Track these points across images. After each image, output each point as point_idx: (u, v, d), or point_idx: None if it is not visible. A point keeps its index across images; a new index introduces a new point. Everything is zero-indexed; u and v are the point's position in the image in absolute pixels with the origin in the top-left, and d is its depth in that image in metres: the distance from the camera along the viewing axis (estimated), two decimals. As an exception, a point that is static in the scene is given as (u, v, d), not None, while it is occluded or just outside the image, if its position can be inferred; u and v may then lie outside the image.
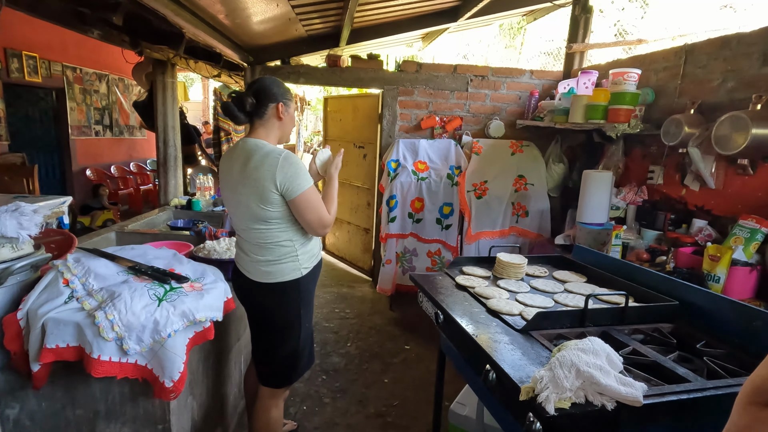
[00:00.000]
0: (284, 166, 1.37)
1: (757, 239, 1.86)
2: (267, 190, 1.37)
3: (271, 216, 1.42)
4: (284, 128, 1.52)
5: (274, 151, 1.40)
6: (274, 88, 1.47)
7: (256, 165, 1.38)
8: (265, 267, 1.48)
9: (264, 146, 1.42)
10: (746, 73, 2.01)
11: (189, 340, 1.28)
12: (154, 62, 3.53)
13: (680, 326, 1.25)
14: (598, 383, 0.81)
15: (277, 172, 1.36)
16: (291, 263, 1.49)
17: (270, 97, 1.46)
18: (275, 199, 1.39)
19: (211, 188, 3.75)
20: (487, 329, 1.20)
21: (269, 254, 1.47)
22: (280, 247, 1.47)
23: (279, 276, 1.48)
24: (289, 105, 1.50)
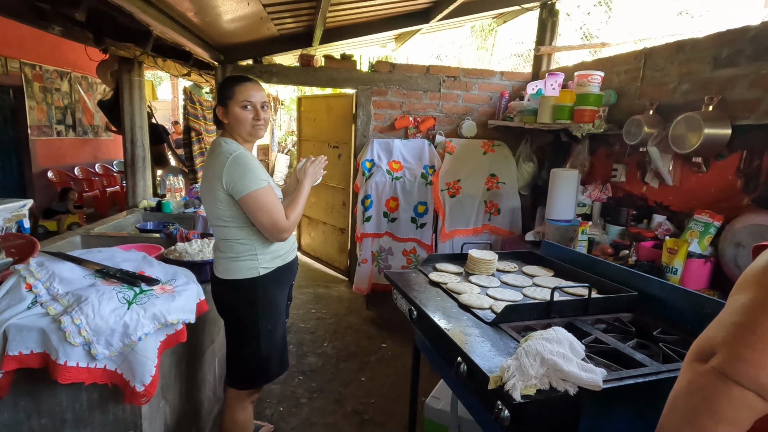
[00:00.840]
0: (231, 166, 1.38)
1: (710, 232, 1.97)
2: (215, 189, 1.41)
3: (225, 214, 1.44)
4: (236, 128, 1.49)
5: (226, 152, 1.42)
6: (217, 94, 1.52)
7: (209, 164, 1.45)
8: (225, 263, 1.50)
9: (221, 146, 1.45)
10: (699, 76, 2.13)
11: (161, 343, 1.26)
12: (120, 60, 3.42)
13: (639, 315, 1.32)
14: (561, 370, 0.86)
15: (223, 172, 1.38)
16: (249, 261, 1.48)
17: (216, 103, 1.51)
18: (223, 199, 1.41)
19: (181, 189, 3.67)
20: (458, 323, 1.24)
21: (229, 251, 1.49)
22: (238, 245, 1.48)
23: (235, 273, 1.48)
24: (226, 104, 1.47)
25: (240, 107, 1.46)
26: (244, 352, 1.56)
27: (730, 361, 0.59)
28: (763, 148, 1.87)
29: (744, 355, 0.59)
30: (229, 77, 1.54)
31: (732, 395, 0.59)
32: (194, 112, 5.05)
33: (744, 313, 0.61)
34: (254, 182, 1.39)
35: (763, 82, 1.85)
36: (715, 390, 0.60)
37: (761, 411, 0.60)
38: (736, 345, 0.60)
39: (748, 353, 0.58)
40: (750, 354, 0.58)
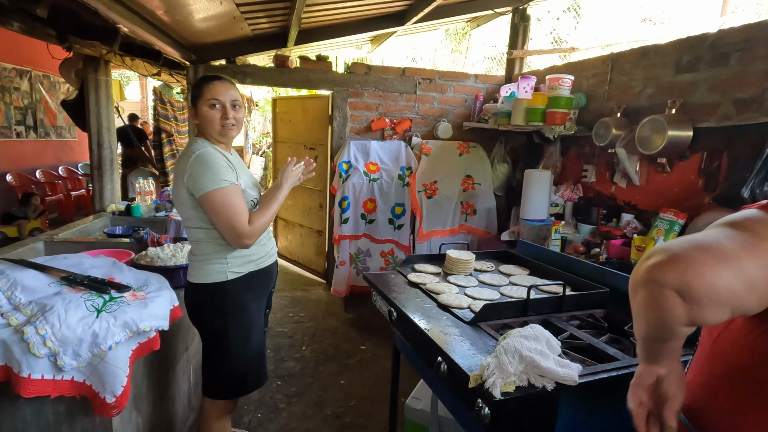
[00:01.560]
0: (192, 165, 1.34)
1: (674, 230, 2.06)
2: (179, 188, 1.38)
3: (191, 215, 1.40)
4: (206, 128, 1.45)
5: (191, 150, 1.39)
6: (190, 95, 1.49)
7: (177, 162, 1.43)
8: (195, 265, 1.45)
9: (191, 145, 1.43)
10: (662, 80, 2.23)
11: (132, 351, 1.21)
12: (84, 59, 3.29)
13: (610, 311, 1.36)
14: (539, 366, 0.88)
15: (185, 170, 1.35)
16: (216, 265, 1.42)
17: (189, 103, 1.50)
18: (186, 198, 1.38)
19: (152, 192, 3.56)
20: (438, 323, 1.25)
21: (198, 251, 1.45)
22: (206, 245, 1.43)
23: (203, 276, 1.43)
24: (196, 104, 1.44)
25: (208, 106, 1.42)
26: (215, 361, 1.50)
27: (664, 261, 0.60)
28: (722, 149, 1.97)
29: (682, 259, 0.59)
30: (200, 77, 1.50)
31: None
32: (165, 113, 4.92)
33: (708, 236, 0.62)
34: (213, 182, 1.32)
35: (721, 87, 1.95)
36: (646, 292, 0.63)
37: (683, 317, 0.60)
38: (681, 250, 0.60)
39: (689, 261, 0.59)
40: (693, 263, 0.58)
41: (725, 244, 0.60)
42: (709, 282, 0.58)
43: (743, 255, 0.59)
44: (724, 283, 0.58)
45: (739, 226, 0.63)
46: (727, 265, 0.58)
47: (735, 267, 0.58)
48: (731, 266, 0.58)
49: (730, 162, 1.95)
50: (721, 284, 0.58)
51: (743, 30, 1.89)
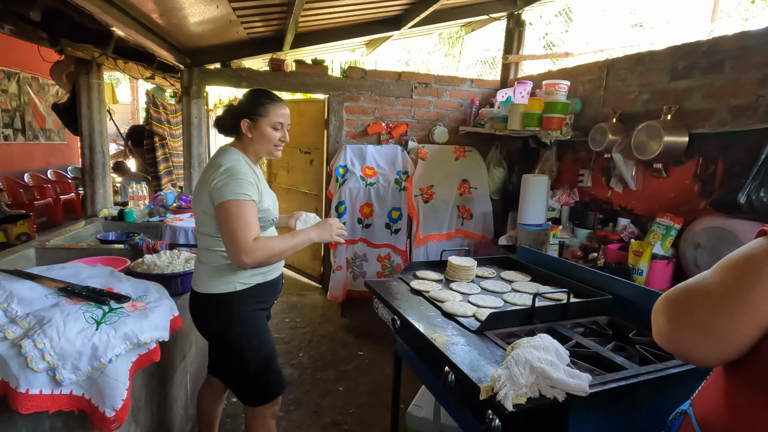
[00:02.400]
0: (221, 174, 1.34)
1: (671, 235, 2.08)
2: (203, 195, 1.38)
3: (208, 222, 1.40)
4: (255, 146, 1.45)
5: (223, 161, 1.38)
6: (245, 104, 1.46)
7: (206, 168, 1.43)
8: (203, 275, 1.44)
9: (223, 154, 1.42)
10: (658, 86, 2.25)
11: (132, 364, 1.19)
12: (76, 61, 3.24)
13: (614, 318, 1.37)
14: (550, 377, 0.87)
15: (213, 178, 1.34)
16: (225, 275, 1.41)
17: (240, 113, 1.45)
18: (207, 205, 1.37)
19: (145, 197, 3.51)
20: (443, 332, 1.24)
21: (208, 260, 1.43)
22: (215, 255, 1.42)
23: (210, 286, 1.42)
24: (256, 121, 1.42)
25: (271, 126, 1.44)
26: (234, 370, 1.49)
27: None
28: (717, 155, 2.00)
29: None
30: (260, 91, 1.48)
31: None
32: (157, 116, 4.85)
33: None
34: (234, 193, 1.31)
35: (716, 93, 1.98)
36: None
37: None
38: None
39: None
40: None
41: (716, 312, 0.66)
42: (698, 355, 0.68)
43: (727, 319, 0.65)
44: (713, 350, 0.67)
45: (738, 274, 0.66)
46: (711, 338, 0.66)
47: (719, 338, 0.66)
48: (715, 339, 0.66)
49: (726, 168, 1.97)
50: (709, 353, 0.67)
51: (737, 38, 1.91)
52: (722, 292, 0.65)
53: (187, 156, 3.56)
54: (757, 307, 0.62)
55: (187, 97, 3.41)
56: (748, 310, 0.63)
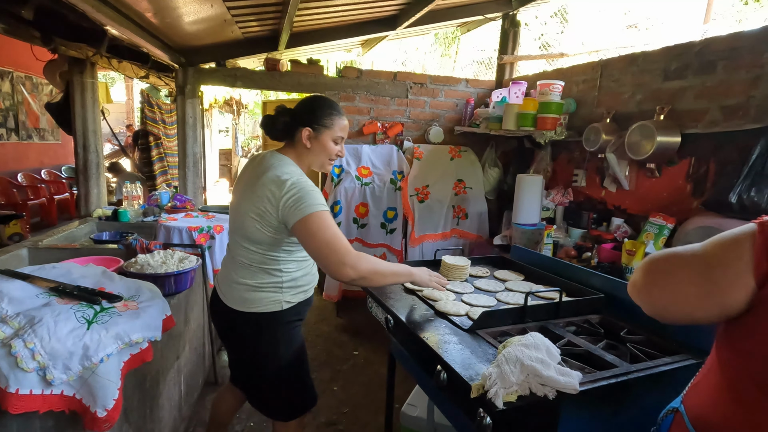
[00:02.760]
0: (290, 189, 1.23)
1: (664, 234, 2.10)
2: (267, 213, 1.26)
3: (264, 240, 1.30)
4: (312, 156, 1.38)
5: (286, 174, 1.28)
6: (309, 111, 1.37)
7: (264, 182, 1.28)
8: (244, 293, 1.35)
9: (282, 165, 1.32)
10: (651, 86, 2.27)
11: (124, 363, 1.18)
12: (70, 60, 3.23)
13: (606, 316, 1.38)
14: (540, 375, 0.88)
15: (281, 193, 1.24)
16: (273, 293, 1.35)
17: (300, 120, 1.36)
18: (273, 224, 1.27)
19: (140, 197, 3.50)
20: (436, 331, 1.24)
21: (251, 278, 1.34)
22: (265, 274, 1.34)
23: (256, 305, 1.34)
24: (320, 132, 1.35)
25: (333, 140, 1.38)
26: (273, 385, 1.45)
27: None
28: (710, 155, 2.01)
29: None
30: (326, 100, 1.40)
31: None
32: (152, 115, 4.84)
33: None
34: (313, 205, 1.22)
35: (708, 94, 2.00)
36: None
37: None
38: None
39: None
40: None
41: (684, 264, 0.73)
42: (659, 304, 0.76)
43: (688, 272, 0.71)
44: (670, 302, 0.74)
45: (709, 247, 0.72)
46: (671, 287, 0.73)
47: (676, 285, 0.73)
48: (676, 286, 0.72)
49: (718, 167, 1.99)
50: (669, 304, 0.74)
51: (728, 39, 1.93)
52: (698, 263, 0.70)
53: (182, 155, 3.55)
54: (726, 282, 0.66)
55: (182, 97, 3.40)
56: (714, 287, 0.67)
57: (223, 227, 2.54)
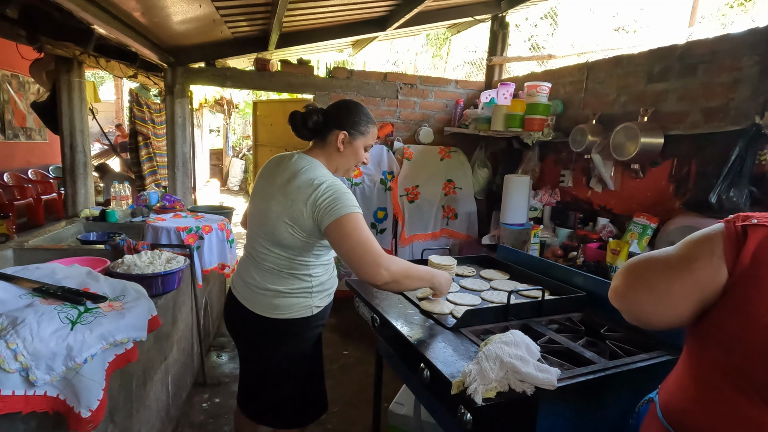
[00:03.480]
0: (326, 191, 1.21)
1: (647, 234, 2.13)
2: (301, 215, 1.23)
3: (296, 244, 1.27)
4: (342, 160, 1.37)
5: (320, 177, 1.26)
6: (345, 114, 1.35)
7: (298, 185, 1.25)
8: (273, 299, 1.32)
9: (314, 169, 1.29)
10: (635, 89, 2.31)
11: (109, 364, 1.18)
12: (57, 59, 3.19)
13: (588, 314, 1.40)
14: (519, 372, 0.90)
15: (316, 198, 1.21)
16: (303, 299, 1.33)
17: (336, 122, 1.33)
18: (306, 227, 1.24)
19: (128, 197, 3.47)
20: (421, 330, 1.26)
21: (281, 284, 1.32)
22: (295, 279, 1.32)
23: (286, 311, 1.32)
24: (355, 137, 1.34)
25: (364, 147, 1.39)
26: (290, 392, 1.44)
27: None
28: (691, 156, 2.05)
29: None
30: (362, 107, 1.39)
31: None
32: (141, 115, 4.80)
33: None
34: (348, 206, 1.21)
35: (690, 96, 2.04)
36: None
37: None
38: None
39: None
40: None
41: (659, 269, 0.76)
42: (645, 314, 0.77)
43: (665, 280, 0.74)
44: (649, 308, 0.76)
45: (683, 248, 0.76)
46: (651, 295, 0.75)
47: (655, 293, 0.75)
48: (655, 296, 0.75)
49: (699, 168, 2.03)
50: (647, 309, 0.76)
51: (709, 43, 1.97)
52: (677, 262, 0.73)
53: (171, 156, 3.53)
54: (703, 274, 0.70)
55: (171, 97, 3.39)
56: (695, 281, 0.71)
57: (212, 227, 2.54)
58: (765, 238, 0.67)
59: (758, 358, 0.65)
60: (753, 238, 0.67)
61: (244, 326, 1.42)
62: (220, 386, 2.51)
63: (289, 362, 1.40)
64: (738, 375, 0.68)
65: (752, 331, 0.65)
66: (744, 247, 0.68)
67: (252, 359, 1.49)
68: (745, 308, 0.66)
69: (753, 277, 0.66)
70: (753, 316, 0.65)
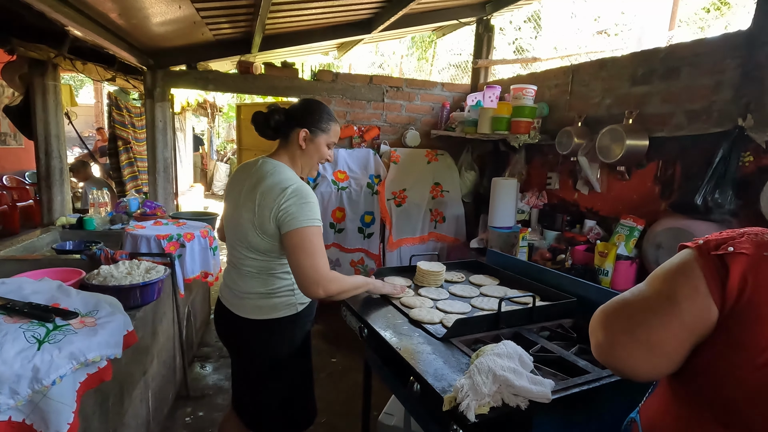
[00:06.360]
0: (290, 197, 1.22)
1: (634, 236, 2.14)
2: (267, 220, 1.24)
3: (269, 248, 1.29)
4: (305, 159, 1.37)
5: (286, 181, 1.26)
6: (306, 113, 1.36)
7: (264, 191, 1.26)
8: (256, 300, 1.33)
9: (279, 172, 1.30)
10: (619, 91, 2.31)
11: (80, 384, 1.11)
12: (30, 62, 3.08)
13: (578, 320, 1.38)
14: (513, 386, 0.86)
15: (280, 202, 1.22)
16: (286, 297, 1.34)
17: (297, 120, 1.34)
18: (270, 231, 1.25)
19: (107, 204, 3.36)
20: (410, 340, 1.22)
21: (261, 286, 1.33)
22: (276, 279, 1.33)
23: (271, 312, 1.33)
24: (317, 135, 1.35)
25: (327, 145, 1.39)
26: (274, 397, 1.41)
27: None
28: (676, 158, 2.06)
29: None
30: (323, 105, 1.40)
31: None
32: (121, 119, 4.68)
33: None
34: (309, 219, 1.23)
35: (673, 98, 2.05)
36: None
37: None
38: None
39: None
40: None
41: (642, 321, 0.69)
42: (640, 370, 0.70)
43: (654, 329, 0.68)
44: (642, 363, 0.69)
45: (661, 286, 0.70)
46: (641, 349, 0.68)
47: (647, 347, 0.68)
48: (645, 349, 0.68)
49: (683, 170, 2.04)
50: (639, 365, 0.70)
51: (691, 45, 1.98)
52: (659, 305, 0.67)
53: (152, 161, 3.44)
54: (693, 315, 0.65)
55: (151, 100, 3.29)
56: (686, 325, 0.65)
57: (194, 235, 2.46)
58: (748, 268, 0.62)
59: (748, 397, 0.61)
60: (735, 268, 0.63)
61: (233, 331, 1.42)
62: (203, 399, 2.43)
63: (278, 363, 1.39)
64: (725, 411, 0.65)
65: (745, 371, 0.61)
66: (728, 281, 0.63)
67: (242, 365, 1.47)
68: (737, 347, 0.62)
69: (742, 314, 0.62)
70: (745, 356, 0.61)
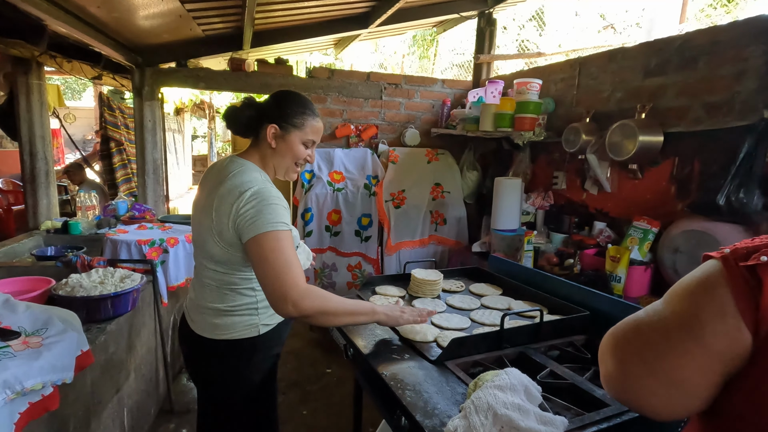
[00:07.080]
0: (249, 201, 1.07)
1: (649, 239, 1.98)
2: (225, 227, 1.10)
3: (229, 259, 1.13)
4: (277, 158, 1.21)
5: (247, 183, 1.10)
6: (277, 106, 1.19)
7: (222, 193, 1.11)
8: (214, 318, 1.17)
9: (243, 172, 1.14)
10: (631, 84, 2.15)
11: (20, 415, 0.97)
12: (13, 60, 2.97)
13: (592, 337, 1.23)
14: (518, 428, 0.71)
15: (239, 206, 1.07)
16: (247, 316, 1.18)
17: (267, 115, 1.18)
18: (229, 239, 1.10)
19: (95, 207, 3.24)
20: (399, 364, 1.07)
21: (221, 301, 1.17)
22: (237, 295, 1.17)
23: (228, 331, 1.17)
24: (288, 131, 1.18)
25: (302, 142, 1.21)
26: (245, 427, 1.26)
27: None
28: (694, 154, 1.90)
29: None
30: (297, 96, 1.24)
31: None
32: (113, 120, 4.57)
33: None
34: (271, 223, 1.05)
35: (690, 90, 1.89)
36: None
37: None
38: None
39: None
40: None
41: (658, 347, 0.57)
42: (657, 407, 0.58)
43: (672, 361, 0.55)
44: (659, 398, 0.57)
45: (683, 308, 0.57)
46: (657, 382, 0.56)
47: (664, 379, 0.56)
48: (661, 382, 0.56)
49: (703, 168, 1.88)
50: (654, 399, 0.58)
51: (710, 32, 1.83)
52: (678, 329, 0.54)
53: (141, 162, 3.31)
54: (720, 342, 0.52)
55: (140, 99, 3.17)
56: (712, 353, 0.52)
57: (178, 240, 2.32)
58: None
59: None
60: None
61: (189, 349, 1.27)
62: (189, 413, 2.29)
63: (232, 393, 1.22)
64: None
65: None
66: (762, 298, 0.50)
67: (199, 390, 1.32)
68: None
69: None
70: None
